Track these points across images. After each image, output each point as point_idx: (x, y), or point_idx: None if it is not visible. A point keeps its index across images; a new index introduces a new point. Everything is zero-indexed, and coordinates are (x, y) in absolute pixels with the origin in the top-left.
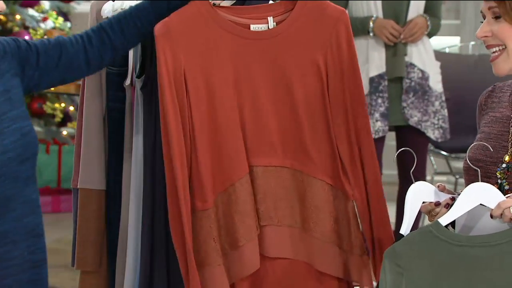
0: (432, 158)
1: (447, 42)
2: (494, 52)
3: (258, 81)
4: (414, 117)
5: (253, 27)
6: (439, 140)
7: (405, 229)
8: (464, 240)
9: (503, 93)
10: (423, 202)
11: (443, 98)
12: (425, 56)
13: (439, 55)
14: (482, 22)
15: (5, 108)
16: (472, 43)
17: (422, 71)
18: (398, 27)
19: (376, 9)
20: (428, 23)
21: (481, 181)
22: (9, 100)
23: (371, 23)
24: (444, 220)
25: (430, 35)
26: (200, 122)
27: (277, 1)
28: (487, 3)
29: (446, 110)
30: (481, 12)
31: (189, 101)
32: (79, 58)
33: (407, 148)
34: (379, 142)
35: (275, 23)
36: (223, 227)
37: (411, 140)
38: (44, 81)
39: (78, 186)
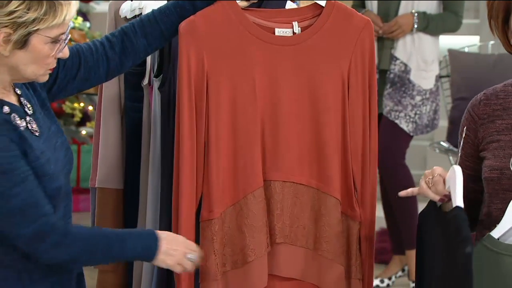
0: (451, 158)
1: (466, 41)
2: None
3: (281, 91)
4: (386, 107)
5: (278, 31)
6: (411, 134)
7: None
8: None
9: (503, 100)
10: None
11: (428, 96)
12: (412, 50)
13: (458, 54)
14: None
15: (48, 123)
16: (492, 42)
17: (405, 65)
18: (378, 24)
19: (372, 8)
20: (415, 20)
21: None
22: (48, 114)
23: None
24: (496, 232)
25: (430, 31)
26: (217, 128)
27: (299, 5)
28: None
29: (427, 108)
30: None
31: (208, 105)
32: (99, 68)
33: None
34: None
35: (300, 28)
36: (230, 241)
37: (384, 129)
38: (61, 93)
39: (96, 185)
